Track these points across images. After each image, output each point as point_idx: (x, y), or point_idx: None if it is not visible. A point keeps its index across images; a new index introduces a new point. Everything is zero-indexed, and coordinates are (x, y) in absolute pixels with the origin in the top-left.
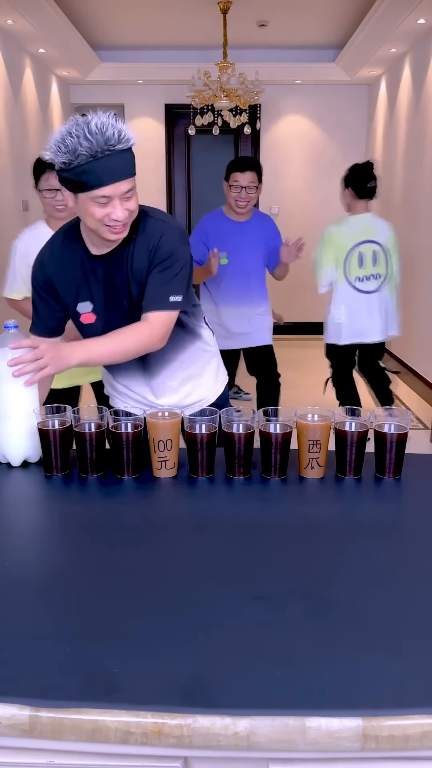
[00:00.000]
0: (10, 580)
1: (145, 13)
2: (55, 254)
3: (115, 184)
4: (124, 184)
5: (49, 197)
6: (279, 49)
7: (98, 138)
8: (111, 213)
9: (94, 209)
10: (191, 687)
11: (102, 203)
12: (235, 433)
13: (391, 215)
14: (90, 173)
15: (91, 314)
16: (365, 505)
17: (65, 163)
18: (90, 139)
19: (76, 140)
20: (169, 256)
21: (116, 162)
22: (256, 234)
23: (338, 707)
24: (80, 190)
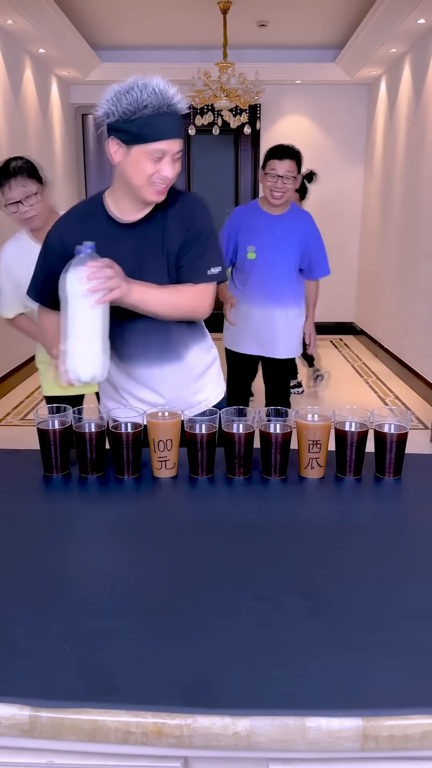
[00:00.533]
0: (10, 579)
1: (145, 13)
2: (75, 222)
3: (172, 140)
4: (177, 143)
5: (13, 211)
6: (279, 49)
7: (164, 95)
8: (161, 170)
9: (147, 164)
10: (191, 687)
11: (156, 158)
12: (235, 433)
13: (391, 215)
14: (152, 126)
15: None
16: (365, 505)
17: (127, 112)
18: (156, 94)
19: (142, 93)
20: (203, 228)
21: (175, 120)
22: (291, 230)
23: (338, 707)
24: (138, 141)
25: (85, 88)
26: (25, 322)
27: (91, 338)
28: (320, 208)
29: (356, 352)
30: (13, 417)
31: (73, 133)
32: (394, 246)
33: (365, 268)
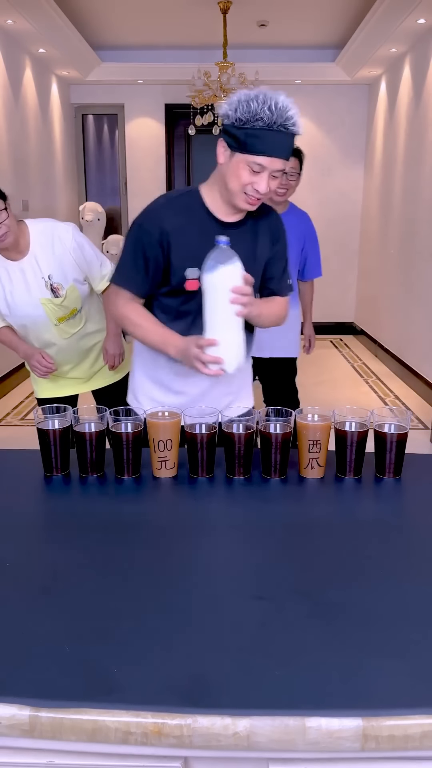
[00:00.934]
0: (10, 579)
1: (145, 13)
2: (175, 211)
3: (274, 158)
4: (279, 162)
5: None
6: (279, 49)
7: (281, 113)
8: (256, 183)
9: (244, 173)
10: (191, 687)
11: (254, 171)
12: (235, 433)
13: (391, 215)
14: (259, 139)
15: (196, 281)
16: (365, 505)
17: (241, 120)
18: (273, 111)
19: (261, 106)
20: (284, 245)
21: (284, 140)
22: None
23: (338, 707)
24: (241, 150)
25: (85, 88)
26: (6, 335)
27: (239, 329)
28: (320, 208)
29: (356, 352)
30: (13, 417)
31: (73, 133)
32: (394, 246)
33: (365, 268)
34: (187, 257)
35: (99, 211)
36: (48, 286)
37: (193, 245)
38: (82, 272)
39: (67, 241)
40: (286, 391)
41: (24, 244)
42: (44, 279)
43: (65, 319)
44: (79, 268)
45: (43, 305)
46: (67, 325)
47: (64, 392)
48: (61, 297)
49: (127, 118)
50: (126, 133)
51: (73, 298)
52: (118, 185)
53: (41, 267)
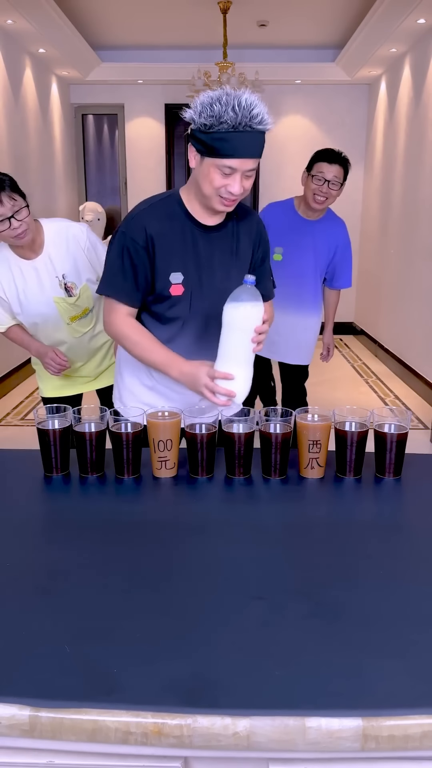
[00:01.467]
0: (10, 579)
1: (145, 13)
2: (158, 216)
3: (244, 159)
4: (250, 162)
5: (3, 228)
6: (279, 49)
7: (245, 112)
8: (229, 185)
9: (216, 176)
10: (191, 687)
11: (225, 173)
12: (235, 433)
13: (391, 215)
14: (225, 142)
15: (180, 286)
16: (365, 505)
17: (206, 125)
18: (237, 112)
19: (224, 108)
20: (266, 244)
21: (251, 139)
22: (324, 238)
23: (338, 707)
24: (210, 155)
25: (85, 88)
26: (17, 333)
27: (252, 364)
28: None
29: (356, 352)
30: (13, 417)
31: (73, 133)
32: (394, 246)
33: (365, 268)
34: (170, 262)
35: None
36: (62, 285)
37: (176, 250)
38: (94, 272)
39: (81, 240)
40: (295, 393)
41: (39, 243)
42: (58, 278)
43: (77, 318)
44: (92, 267)
45: (56, 304)
46: (79, 324)
47: (70, 391)
48: (75, 296)
49: (127, 118)
50: (126, 133)
51: (86, 297)
52: (118, 185)
53: (55, 266)
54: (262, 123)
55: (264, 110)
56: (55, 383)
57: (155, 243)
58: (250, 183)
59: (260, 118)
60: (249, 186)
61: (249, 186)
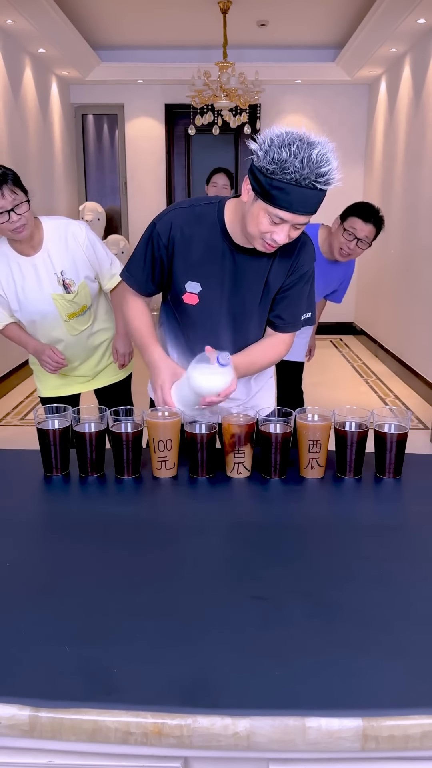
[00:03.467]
0: (10, 579)
1: (145, 13)
2: (190, 220)
3: (297, 216)
4: (303, 218)
5: (3, 221)
6: (279, 49)
7: (312, 169)
8: (275, 234)
9: (264, 221)
10: (191, 687)
11: (275, 222)
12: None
13: (391, 215)
14: (283, 193)
15: (195, 296)
16: (365, 505)
17: (268, 170)
18: (305, 167)
19: (292, 159)
20: (304, 273)
21: (311, 197)
22: (337, 275)
23: (338, 707)
24: (264, 198)
25: (85, 88)
26: (15, 331)
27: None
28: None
29: (356, 352)
30: (13, 417)
31: (73, 133)
32: (394, 246)
33: (365, 267)
34: (189, 269)
35: (99, 211)
36: (60, 281)
37: (196, 258)
38: (93, 270)
39: (80, 238)
40: (292, 393)
41: (38, 239)
42: (56, 275)
43: (75, 316)
44: (91, 265)
45: (54, 300)
46: (77, 321)
47: (68, 391)
48: (73, 293)
49: (127, 118)
50: (126, 133)
51: (84, 294)
52: (118, 185)
53: (54, 263)
54: (327, 183)
55: (334, 167)
56: (53, 383)
57: (176, 245)
58: (298, 233)
59: (327, 177)
60: (295, 236)
61: (295, 236)
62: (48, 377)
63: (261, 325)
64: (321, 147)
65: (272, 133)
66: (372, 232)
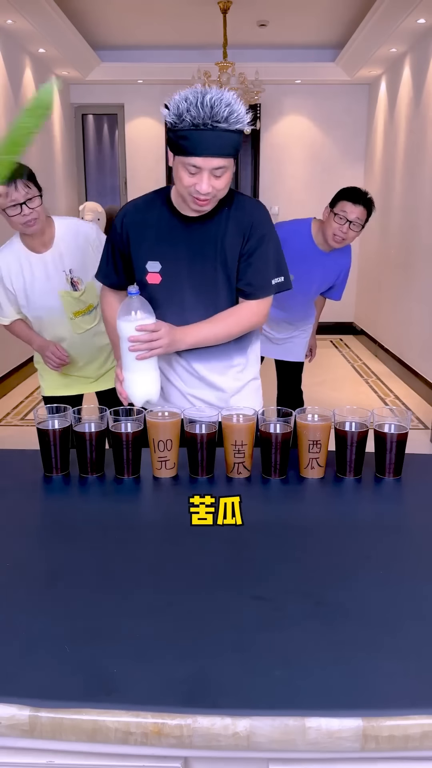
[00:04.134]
0: (10, 579)
1: (145, 13)
2: (139, 208)
3: (206, 158)
4: (216, 160)
5: (15, 213)
6: (279, 49)
7: (206, 111)
8: (197, 184)
9: (183, 175)
10: (191, 687)
11: (191, 172)
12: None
13: (391, 215)
14: (187, 140)
15: (157, 275)
16: (365, 505)
17: (171, 123)
18: (198, 110)
19: (187, 106)
20: (263, 236)
21: (215, 138)
22: (333, 267)
23: (338, 707)
24: (176, 152)
25: (85, 88)
26: (20, 327)
27: (143, 370)
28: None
29: (356, 352)
30: (13, 417)
31: (73, 133)
32: (394, 246)
33: (365, 268)
34: (147, 251)
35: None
36: (68, 279)
37: (152, 240)
38: None
39: (91, 238)
40: (292, 393)
41: (49, 237)
42: (65, 272)
43: (81, 314)
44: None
45: (61, 297)
46: (82, 320)
47: (70, 391)
48: (80, 291)
49: (127, 118)
50: (126, 133)
51: (91, 293)
52: (118, 185)
53: (63, 260)
54: (228, 122)
55: (234, 109)
56: (56, 382)
57: (130, 233)
58: (222, 182)
59: (223, 116)
60: (221, 185)
61: (221, 185)
62: (52, 376)
63: (230, 298)
64: (215, 92)
65: (177, 95)
66: (363, 213)
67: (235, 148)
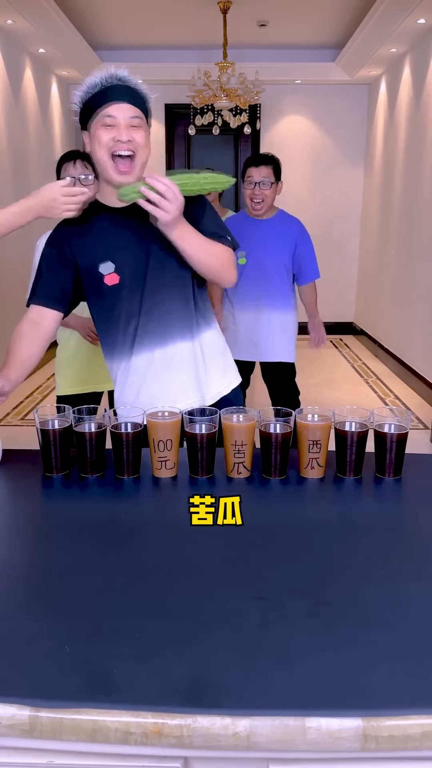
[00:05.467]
0: (10, 579)
1: (145, 13)
2: (72, 223)
3: (119, 104)
4: (128, 108)
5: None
6: (279, 49)
7: (112, 72)
8: (116, 135)
9: (101, 133)
10: (191, 687)
11: (107, 124)
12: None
13: (391, 215)
14: (98, 96)
15: (114, 275)
16: (365, 505)
17: (82, 96)
18: (105, 74)
19: (93, 79)
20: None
21: (123, 90)
22: (278, 233)
23: (338, 707)
24: (90, 114)
25: None
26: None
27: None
28: (320, 207)
29: (356, 352)
30: (13, 417)
31: (73, 133)
32: (394, 246)
33: (365, 268)
34: (93, 256)
35: None
36: None
37: (97, 243)
38: None
39: None
40: (286, 393)
41: None
42: None
43: None
44: None
45: None
46: None
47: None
48: None
49: None
50: None
51: None
52: None
53: None
54: (131, 82)
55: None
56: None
57: (72, 245)
58: (140, 135)
59: (127, 76)
60: (140, 138)
61: (140, 138)
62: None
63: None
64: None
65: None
66: (268, 171)
67: (142, 103)
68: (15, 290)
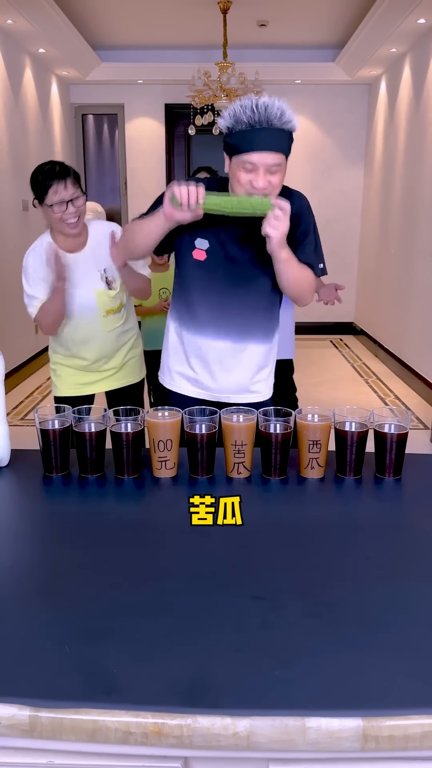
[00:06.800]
0: (9, 579)
1: (145, 13)
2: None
3: (262, 153)
4: (270, 156)
5: (60, 211)
6: (279, 49)
7: (261, 112)
8: (253, 180)
9: (241, 173)
10: (191, 687)
11: (248, 169)
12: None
13: (391, 215)
14: (244, 139)
15: (203, 252)
16: (365, 505)
17: (229, 128)
18: (254, 112)
19: (242, 110)
20: (309, 223)
21: (269, 136)
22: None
23: (338, 707)
24: (233, 153)
25: (85, 88)
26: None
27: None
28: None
29: (356, 352)
30: (13, 417)
31: (73, 133)
32: (394, 246)
33: (365, 268)
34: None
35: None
36: (103, 278)
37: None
38: None
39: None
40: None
41: (84, 237)
42: (99, 272)
43: (113, 312)
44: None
45: (96, 296)
46: (113, 318)
47: (88, 390)
48: (115, 290)
49: (127, 118)
50: (126, 133)
51: (123, 292)
52: (118, 185)
53: (97, 260)
54: (281, 121)
55: (284, 110)
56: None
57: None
58: (277, 179)
59: (277, 116)
60: (276, 182)
61: (276, 182)
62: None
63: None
64: (267, 98)
65: (232, 106)
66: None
67: (286, 146)
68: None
